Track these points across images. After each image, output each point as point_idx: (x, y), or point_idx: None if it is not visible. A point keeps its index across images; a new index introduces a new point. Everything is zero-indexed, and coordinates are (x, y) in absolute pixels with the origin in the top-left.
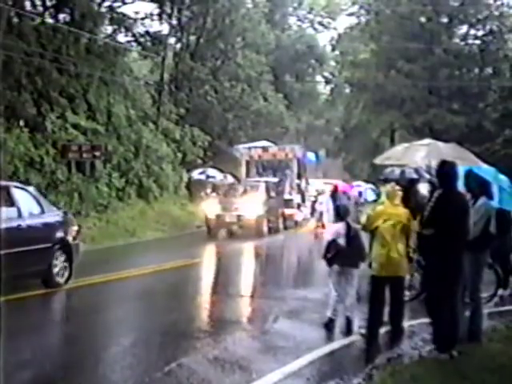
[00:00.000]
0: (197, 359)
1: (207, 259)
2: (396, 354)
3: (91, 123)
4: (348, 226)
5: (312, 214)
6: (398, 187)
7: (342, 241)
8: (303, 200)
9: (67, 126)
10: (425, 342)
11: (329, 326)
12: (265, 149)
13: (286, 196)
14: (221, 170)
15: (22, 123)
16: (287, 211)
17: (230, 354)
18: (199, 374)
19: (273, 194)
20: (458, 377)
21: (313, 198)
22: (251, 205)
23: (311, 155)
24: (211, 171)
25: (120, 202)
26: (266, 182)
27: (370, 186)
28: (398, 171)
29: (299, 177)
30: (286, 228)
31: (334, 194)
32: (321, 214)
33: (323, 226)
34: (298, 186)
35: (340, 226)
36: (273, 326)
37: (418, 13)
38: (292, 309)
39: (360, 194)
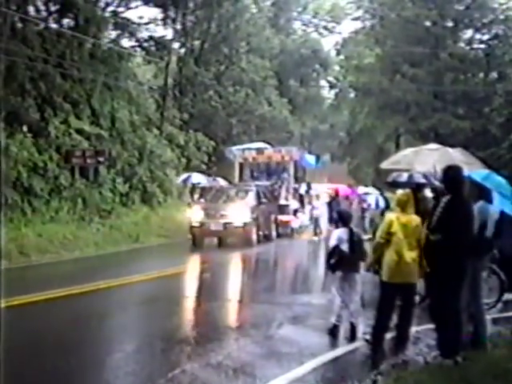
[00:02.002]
0: (200, 365)
1: (213, 264)
2: (401, 359)
3: (95, 128)
4: (351, 232)
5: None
6: (410, 194)
7: (344, 247)
8: (302, 205)
9: (71, 131)
10: (429, 347)
11: (333, 331)
12: (259, 151)
13: (282, 201)
14: (208, 175)
15: (25, 128)
16: (282, 218)
17: (234, 359)
18: (202, 380)
19: (264, 199)
20: (462, 383)
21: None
22: (238, 211)
23: (311, 158)
24: (196, 176)
25: (124, 208)
26: (257, 187)
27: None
28: (405, 175)
29: (297, 180)
30: (279, 236)
31: (335, 198)
32: (316, 220)
33: (317, 233)
34: (296, 190)
35: (342, 232)
36: (277, 331)
37: (423, 17)
38: (296, 315)
39: (365, 199)
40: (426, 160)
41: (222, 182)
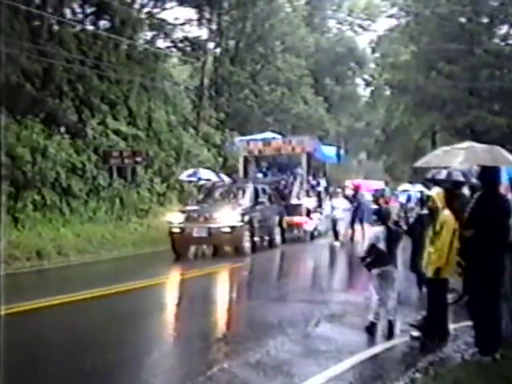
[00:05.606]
0: (238, 363)
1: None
2: (438, 357)
3: (132, 129)
4: (389, 230)
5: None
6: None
7: (382, 245)
8: (319, 205)
9: (108, 132)
10: (467, 345)
11: (371, 329)
12: (266, 142)
13: (293, 200)
14: (214, 171)
15: (63, 130)
16: (292, 219)
17: (272, 358)
18: (241, 378)
19: (264, 198)
20: (501, 380)
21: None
22: (225, 214)
23: (329, 150)
24: (203, 172)
25: (161, 207)
26: (256, 184)
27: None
28: (444, 172)
29: (311, 175)
30: (286, 241)
31: (354, 196)
32: (335, 221)
33: (336, 236)
34: (312, 187)
35: (379, 230)
36: (314, 329)
37: (457, 13)
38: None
39: (409, 197)
40: (454, 160)
41: (226, 180)
